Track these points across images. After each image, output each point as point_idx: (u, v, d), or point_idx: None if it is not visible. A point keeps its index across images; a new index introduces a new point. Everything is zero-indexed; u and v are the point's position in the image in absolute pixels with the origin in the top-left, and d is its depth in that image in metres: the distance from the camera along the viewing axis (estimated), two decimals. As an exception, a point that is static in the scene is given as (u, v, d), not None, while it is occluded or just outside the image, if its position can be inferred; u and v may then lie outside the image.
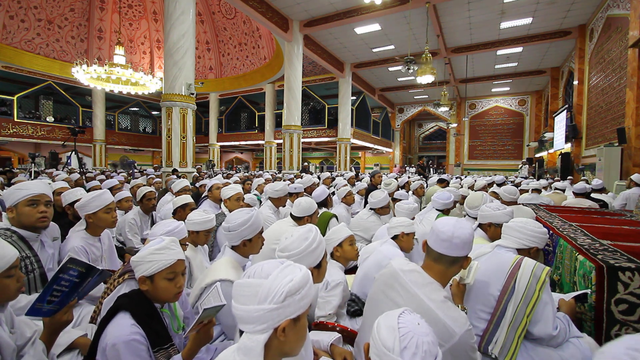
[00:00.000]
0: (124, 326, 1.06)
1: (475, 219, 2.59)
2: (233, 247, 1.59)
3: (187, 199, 2.59)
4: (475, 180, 5.70)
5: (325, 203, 3.24)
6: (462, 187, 5.04)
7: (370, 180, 5.32)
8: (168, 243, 1.19)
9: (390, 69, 14.46)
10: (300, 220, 2.35)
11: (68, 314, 1.16)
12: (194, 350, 1.10)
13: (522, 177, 12.19)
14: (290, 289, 0.71)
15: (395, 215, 2.73)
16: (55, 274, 1.08)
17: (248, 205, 3.09)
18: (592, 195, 4.50)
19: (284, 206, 3.45)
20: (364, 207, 3.56)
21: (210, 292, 1.25)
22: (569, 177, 9.10)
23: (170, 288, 1.16)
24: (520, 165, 14.72)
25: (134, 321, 1.08)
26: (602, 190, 4.94)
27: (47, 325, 1.14)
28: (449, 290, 1.28)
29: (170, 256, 1.15)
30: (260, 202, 4.30)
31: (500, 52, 12.25)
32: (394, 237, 2.02)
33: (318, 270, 1.20)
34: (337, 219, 2.92)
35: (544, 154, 15.12)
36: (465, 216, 2.91)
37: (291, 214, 2.40)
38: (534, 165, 15.07)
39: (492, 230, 1.95)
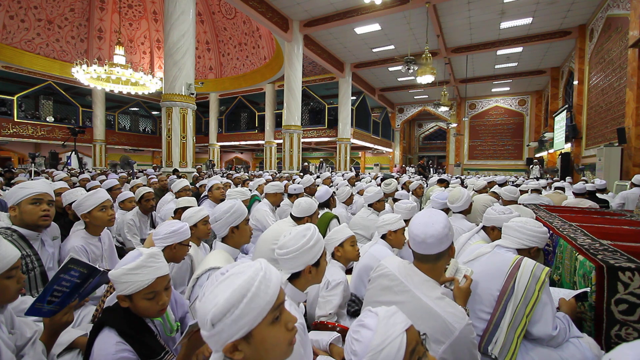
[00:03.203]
0: (109, 345, 1.02)
1: (461, 212, 2.67)
2: (223, 240, 1.65)
3: (191, 201, 2.56)
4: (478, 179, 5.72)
5: (327, 203, 3.23)
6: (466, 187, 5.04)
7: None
8: (144, 260, 1.07)
9: (390, 69, 14.46)
10: (300, 221, 2.35)
11: (68, 315, 1.15)
12: (188, 356, 1.09)
13: (534, 177, 12.22)
14: (213, 315, 0.61)
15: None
16: (56, 274, 1.07)
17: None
18: (597, 195, 4.50)
19: (279, 206, 3.45)
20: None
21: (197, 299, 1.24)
22: (567, 177, 9.11)
23: (152, 306, 1.09)
24: (531, 166, 14.69)
25: (120, 338, 1.04)
26: (603, 190, 4.94)
27: (47, 326, 1.13)
28: (444, 287, 1.29)
29: (147, 276, 1.06)
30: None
31: (500, 52, 12.25)
32: (383, 237, 2.04)
33: (316, 269, 1.19)
34: (338, 220, 2.91)
35: (544, 154, 15.13)
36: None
37: (291, 214, 2.40)
38: (531, 166, 15.06)
39: (496, 234, 1.92)
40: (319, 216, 2.81)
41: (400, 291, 1.18)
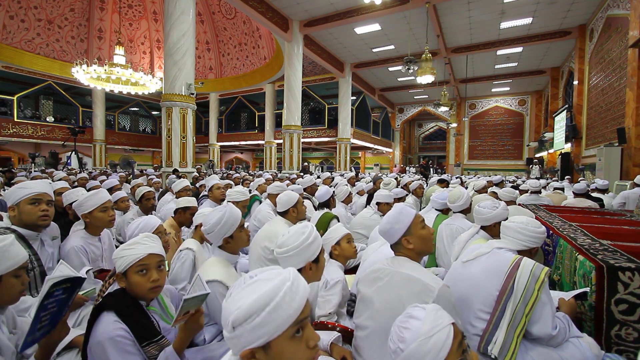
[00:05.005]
0: (107, 323, 1.07)
1: (461, 212, 2.61)
2: (219, 247, 1.61)
3: (191, 201, 2.55)
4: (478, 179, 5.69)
5: (327, 204, 3.23)
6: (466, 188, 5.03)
7: (373, 185, 5.31)
8: (140, 238, 1.20)
9: (390, 69, 14.46)
10: (287, 214, 2.36)
11: (62, 332, 1.11)
12: (185, 340, 1.09)
13: (534, 177, 12.20)
14: (235, 318, 0.61)
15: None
16: (40, 303, 0.98)
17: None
18: (592, 194, 4.50)
19: None
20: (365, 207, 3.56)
21: (194, 282, 1.25)
22: (566, 177, 9.10)
23: (143, 282, 1.15)
24: (531, 166, 14.69)
25: (117, 318, 1.09)
26: (604, 190, 4.93)
27: (42, 345, 1.09)
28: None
29: (140, 250, 1.16)
30: (260, 202, 4.28)
31: (500, 52, 12.25)
32: None
33: (316, 265, 1.24)
34: (338, 220, 2.91)
35: (544, 154, 15.13)
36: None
37: (278, 212, 2.42)
38: (531, 166, 15.05)
39: (497, 229, 1.93)
40: (319, 217, 2.81)
41: (386, 274, 1.28)
